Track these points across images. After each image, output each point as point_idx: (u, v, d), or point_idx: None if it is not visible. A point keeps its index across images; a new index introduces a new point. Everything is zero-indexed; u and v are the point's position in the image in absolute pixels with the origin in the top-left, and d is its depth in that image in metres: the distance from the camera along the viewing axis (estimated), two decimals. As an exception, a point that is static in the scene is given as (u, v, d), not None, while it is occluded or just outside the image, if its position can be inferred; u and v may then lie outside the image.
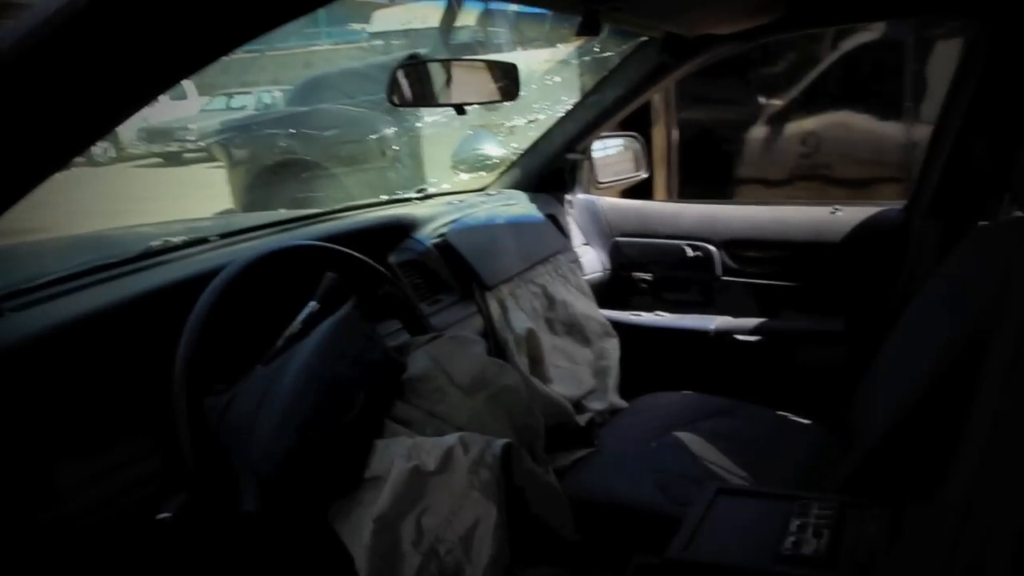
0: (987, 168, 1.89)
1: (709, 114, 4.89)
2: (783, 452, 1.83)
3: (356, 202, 2.15)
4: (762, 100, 4.76)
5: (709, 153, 4.83)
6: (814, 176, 4.58)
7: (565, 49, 4.69)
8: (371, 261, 1.27)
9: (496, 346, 1.87)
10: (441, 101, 1.61)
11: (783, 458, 1.81)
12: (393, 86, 1.51)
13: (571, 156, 2.38)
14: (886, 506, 1.33)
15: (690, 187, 4.78)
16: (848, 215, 2.21)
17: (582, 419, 1.93)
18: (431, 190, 2.34)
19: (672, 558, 1.30)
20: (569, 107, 2.37)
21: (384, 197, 2.24)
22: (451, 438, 0.99)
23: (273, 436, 0.97)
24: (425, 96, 1.58)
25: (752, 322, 2.29)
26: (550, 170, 2.43)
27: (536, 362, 1.95)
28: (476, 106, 1.80)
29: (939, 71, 4.18)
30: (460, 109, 1.60)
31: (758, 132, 4.80)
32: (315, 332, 1.12)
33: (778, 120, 4.77)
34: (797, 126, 4.69)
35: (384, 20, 8.83)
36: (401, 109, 5.30)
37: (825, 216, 2.24)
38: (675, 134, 4.38)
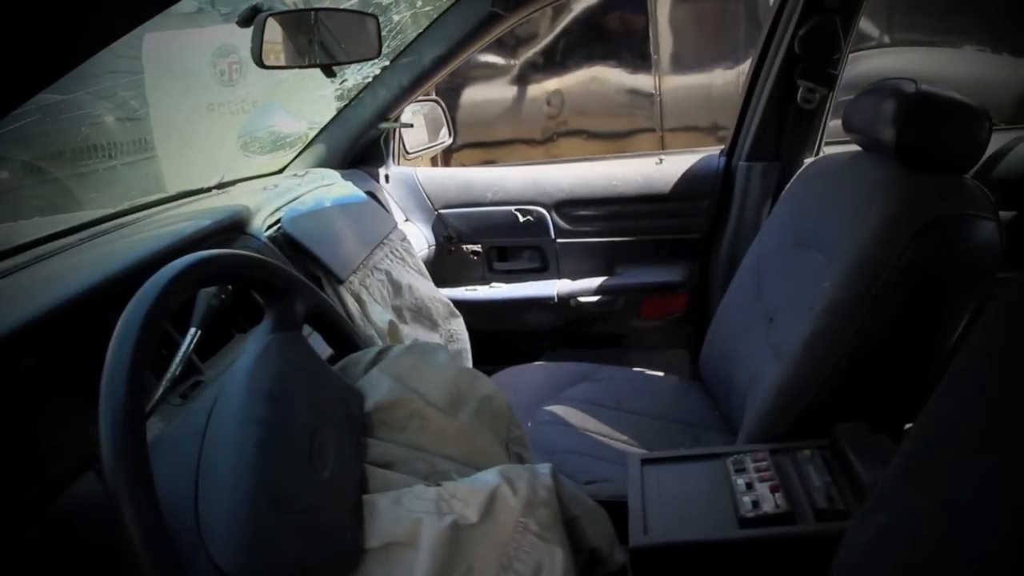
0: (806, 109, 1.98)
1: (462, 79, 4.83)
2: (654, 408, 1.81)
3: (141, 200, 1.79)
4: (512, 62, 4.78)
5: (469, 118, 4.79)
6: (576, 132, 4.70)
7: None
8: (291, 269, 1.00)
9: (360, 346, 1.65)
10: (310, 61, 1.34)
11: (656, 414, 1.79)
12: (259, 43, 1.21)
13: (385, 125, 2.17)
14: (809, 446, 1.33)
15: (456, 153, 4.73)
16: (672, 165, 2.22)
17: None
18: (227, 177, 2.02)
19: (638, 546, 1.20)
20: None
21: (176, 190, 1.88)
22: (490, 477, 0.78)
23: (236, 521, 0.71)
24: (295, 55, 1.30)
25: (593, 282, 2.26)
26: (361, 143, 2.21)
27: (398, 356, 1.75)
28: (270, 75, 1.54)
29: (680, 23, 4.44)
30: (329, 70, 1.34)
31: (513, 94, 4.82)
32: (236, 369, 0.85)
33: (529, 81, 4.82)
34: (543, 87, 4.78)
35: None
36: (131, 93, 4.65)
37: (651, 168, 2.24)
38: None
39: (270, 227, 1.66)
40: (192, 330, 0.99)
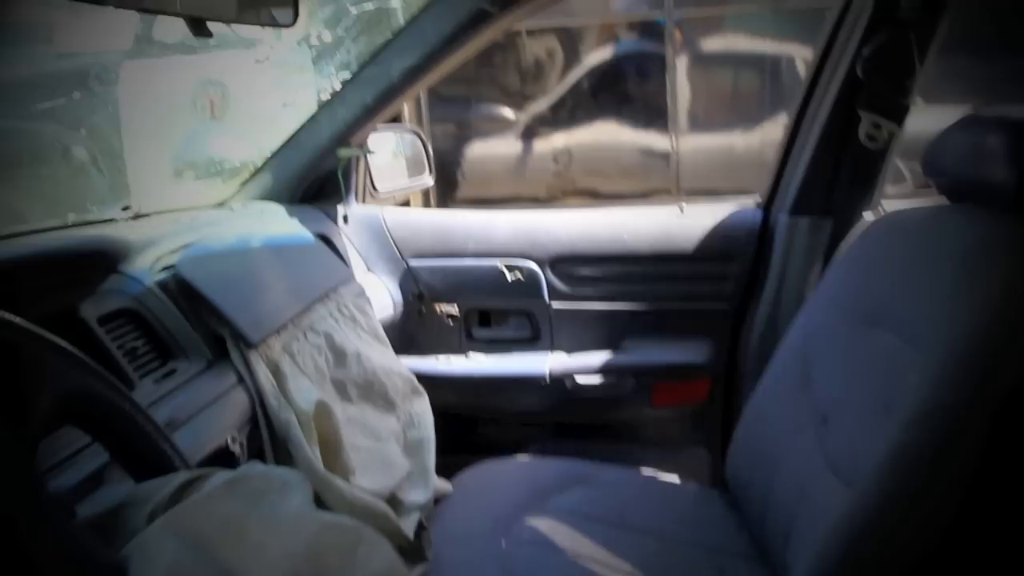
0: (869, 151, 1.64)
1: (461, 130, 4.63)
2: (666, 525, 1.49)
3: (36, 225, 1.42)
4: (518, 114, 4.61)
5: (468, 173, 4.58)
6: (583, 192, 4.48)
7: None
8: (55, 337, 0.58)
9: (272, 434, 1.26)
10: (172, 7, 0.94)
11: (670, 534, 1.47)
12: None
13: (344, 152, 1.82)
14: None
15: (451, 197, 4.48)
16: (696, 217, 1.89)
17: (406, 523, 1.40)
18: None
19: None
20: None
21: (72, 217, 1.51)
22: None
23: None
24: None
25: (594, 359, 1.91)
26: (316, 173, 1.87)
27: (330, 447, 1.36)
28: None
29: (700, 79, 4.24)
30: (200, 24, 0.93)
31: (517, 149, 4.64)
32: None
33: (535, 136, 4.64)
34: (549, 142, 4.62)
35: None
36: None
37: (670, 219, 1.90)
38: (430, 133, 4.03)
39: (166, 268, 1.29)
40: None
